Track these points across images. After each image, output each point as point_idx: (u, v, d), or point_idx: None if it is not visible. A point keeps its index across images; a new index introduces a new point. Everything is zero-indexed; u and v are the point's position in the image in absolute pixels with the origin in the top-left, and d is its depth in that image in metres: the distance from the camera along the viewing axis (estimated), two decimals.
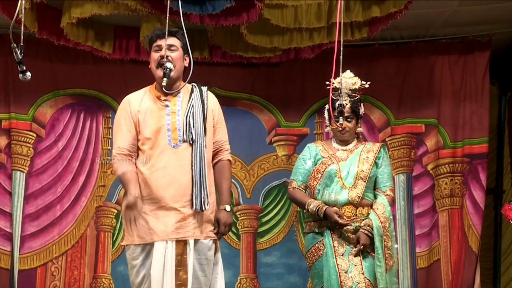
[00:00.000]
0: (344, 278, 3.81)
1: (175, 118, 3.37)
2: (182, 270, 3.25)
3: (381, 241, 3.83)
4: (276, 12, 4.76)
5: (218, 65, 5.60)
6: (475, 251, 5.61)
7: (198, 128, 3.35)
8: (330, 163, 4.00)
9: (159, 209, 3.30)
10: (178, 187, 3.30)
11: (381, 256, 3.83)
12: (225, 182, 3.53)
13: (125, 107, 3.46)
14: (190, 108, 3.37)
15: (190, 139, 3.32)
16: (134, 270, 3.36)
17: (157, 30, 3.51)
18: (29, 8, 4.52)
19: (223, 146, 3.55)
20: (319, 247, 3.94)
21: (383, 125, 5.80)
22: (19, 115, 5.60)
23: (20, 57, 2.85)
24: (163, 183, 3.30)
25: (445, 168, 5.70)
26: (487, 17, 5.31)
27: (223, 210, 3.44)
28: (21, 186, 5.55)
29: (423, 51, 5.75)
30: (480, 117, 5.70)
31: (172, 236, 3.27)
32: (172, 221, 3.28)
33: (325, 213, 3.87)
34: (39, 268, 5.55)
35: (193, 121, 3.35)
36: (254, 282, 5.73)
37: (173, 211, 3.29)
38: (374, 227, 3.85)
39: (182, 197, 3.30)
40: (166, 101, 3.41)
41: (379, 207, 3.92)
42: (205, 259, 3.35)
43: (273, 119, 5.89)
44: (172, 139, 3.34)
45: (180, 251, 3.27)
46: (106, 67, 5.66)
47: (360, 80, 4.06)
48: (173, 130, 3.35)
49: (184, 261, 3.26)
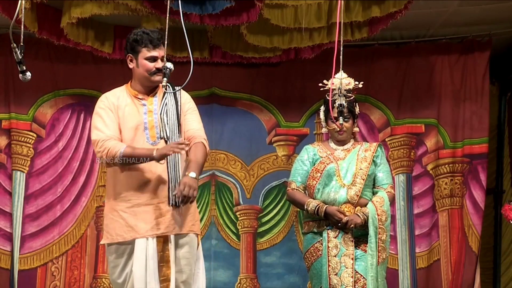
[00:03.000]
0: (334, 280, 3.82)
1: (152, 116, 3.40)
2: (165, 265, 3.28)
3: (376, 232, 3.83)
4: (276, 12, 4.76)
5: (218, 65, 5.60)
6: (475, 251, 5.60)
7: (172, 125, 3.37)
8: (329, 162, 4.01)
9: (137, 206, 3.31)
10: (156, 183, 3.32)
11: (373, 246, 3.82)
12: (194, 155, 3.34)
13: (104, 102, 3.43)
14: (164, 106, 3.39)
15: (165, 136, 3.34)
16: (116, 269, 3.37)
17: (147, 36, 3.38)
18: (29, 8, 4.52)
19: (197, 133, 3.45)
20: (318, 247, 3.94)
21: (383, 125, 5.80)
22: (19, 115, 5.60)
23: (20, 57, 2.85)
24: (142, 180, 3.32)
25: (445, 168, 5.70)
26: (487, 17, 5.31)
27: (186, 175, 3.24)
28: (21, 186, 5.55)
29: (423, 51, 5.75)
30: (480, 117, 5.69)
31: (152, 232, 3.29)
32: (151, 218, 3.30)
33: (326, 212, 3.88)
34: (39, 268, 5.55)
35: (166, 118, 3.37)
36: (254, 282, 5.73)
37: (151, 207, 3.31)
38: (369, 216, 3.85)
39: (160, 193, 3.32)
40: (143, 100, 3.44)
41: (378, 200, 3.94)
42: (188, 252, 3.37)
43: (273, 119, 5.89)
44: (150, 136, 3.37)
45: (161, 247, 3.29)
46: (106, 67, 5.66)
47: (354, 81, 4.06)
48: (150, 128, 3.37)
49: (167, 256, 3.29)
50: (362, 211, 3.90)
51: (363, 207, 3.92)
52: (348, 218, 3.86)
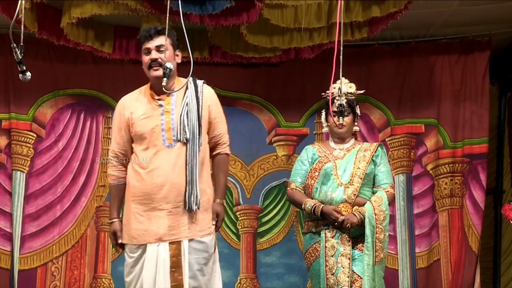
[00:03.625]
0: (331, 280, 3.82)
1: (169, 117, 3.36)
2: (177, 271, 3.24)
3: (373, 231, 3.83)
4: (276, 12, 4.75)
5: (218, 65, 5.59)
6: (475, 251, 5.60)
7: (193, 127, 3.34)
8: (327, 161, 4.02)
9: (152, 210, 3.30)
10: (171, 187, 3.30)
11: (370, 245, 3.82)
12: (222, 176, 3.53)
13: (119, 110, 3.50)
14: (185, 107, 3.36)
15: (184, 139, 3.31)
16: (127, 268, 3.39)
17: (144, 31, 3.48)
18: (29, 8, 4.52)
19: (221, 140, 3.53)
20: (316, 248, 3.94)
21: (383, 125, 5.80)
22: (19, 115, 5.60)
23: (20, 57, 2.85)
24: (157, 183, 3.30)
25: (445, 168, 5.70)
26: (487, 17, 5.31)
27: (220, 204, 3.45)
28: (21, 186, 5.55)
29: (423, 51, 5.75)
30: (480, 117, 5.69)
31: (165, 238, 3.27)
32: (165, 223, 3.28)
33: (322, 212, 3.88)
34: (39, 268, 5.55)
35: (187, 120, 3.33)
36: (254, 282, 5.73)
37: (165, 212, 3.29)
38: (366, 216, 3.85)
39: (175, 198, 3.30)
40: (160, 101, 3.41)
41: (376, 200, 3.93)
42: (204, 258, 3.34)
43: (273, 119, 5.89)
44: (167, 139, 3.33)
45: (174, 252, 3.26)
46: (106, 67, 5.66)
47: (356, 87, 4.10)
48: (167, 130, 3.34)
49: (179, 262, 3.25)
50: (359, 210, 3.90)
51: (361, 207, 3.92)
52: (345, 217, 3.85)
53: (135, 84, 3.71)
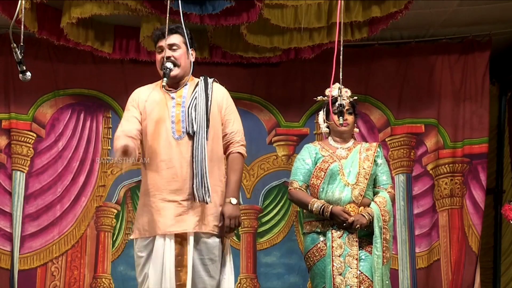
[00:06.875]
0: (338, 280, 3.81)
1: (179, 110, 3.37)
2: (182, 270, 3.23)
3: (381, 231, 3.83)
4: (276, 12, 4.76)
5: (218, 65, 5.59)
6: (475, 251, 5.61)
7: (200, 120, 3.33)
8: (332, 161, 3.99)
9: (161, 201, 3.29)
10: (180, 179, 3.29)
11: (379, 246, 3.82)
12: (233, 174, 3.42)
13: (133, 96, 3.50)
14: (193, 100, 3.37)
15: (191, 131, 3.31)
16: (139, 267, 3.36)
17: (157, 31, 3.52)
18: (29, 8, 4.52)
19: (233, 138, 3.48)
20: (321, 247, 3.91)
21: (383, 125, 5.80)
22: (19, 115, 5.60)
23: (20, 57, 2.85)
24: (167, 175, 3.30)
25: (445, 168, 5.70)
26: (487, 17, 5.31)
27: (228, 203, 3.35)
28: (21, 186, 5.55)
29: (423, 51, 5.75)
30: (480, 117, 5.70)
31: (172, 229, 3.24)
32: (172, 214, 3.27)
33: (332, 213, 3.86)
34: (39, 268, 5.55)
35: (195, 113, 3.34)
36: (254, 282, 5.73)
37: (174, 204, 3.28)
38: (374, 216, 3.85)
39: (184, 190, 3.28)
40: (172, 93, 3.43)
41: (381, 200, 3.93)
42: (209, 259, 3.30)
43: (273, 119, 5.89)
44: (176, 131, 3.34)
45: (179, 251, 3.25)
46: (106, 67, 5.67)
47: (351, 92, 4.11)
48: (177, 122, 3.35)
49: (184, 261, 3.24)
50: (366, 211, 3.89)
51: (367, 207, 3.92)
52: (354, 218, 3.85)
53: (135, 84, 3.71)
